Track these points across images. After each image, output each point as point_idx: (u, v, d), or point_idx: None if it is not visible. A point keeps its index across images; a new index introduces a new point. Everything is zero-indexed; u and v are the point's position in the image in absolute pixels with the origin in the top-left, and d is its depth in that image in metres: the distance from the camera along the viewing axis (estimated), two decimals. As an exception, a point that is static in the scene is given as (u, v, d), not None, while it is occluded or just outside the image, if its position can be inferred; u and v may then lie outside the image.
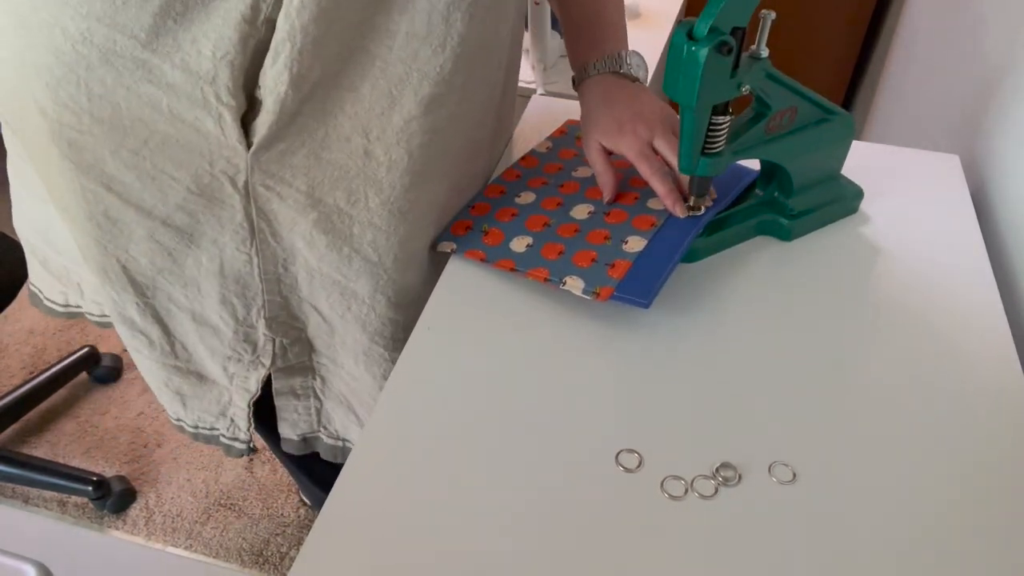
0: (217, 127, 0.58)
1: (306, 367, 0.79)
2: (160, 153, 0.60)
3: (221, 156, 0.60)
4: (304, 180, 0.62)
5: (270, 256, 0.68)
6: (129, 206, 0.64)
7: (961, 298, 0.64)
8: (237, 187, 0.62)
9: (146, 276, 0.70)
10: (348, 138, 0.60)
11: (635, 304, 0.60)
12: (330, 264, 0.67)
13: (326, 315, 0.72)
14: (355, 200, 0.63)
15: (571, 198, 0.72)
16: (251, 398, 0.79)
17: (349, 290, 0.69)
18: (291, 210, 0.64)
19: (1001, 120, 0.81)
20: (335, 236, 0.65)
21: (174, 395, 0.84)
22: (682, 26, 0.55)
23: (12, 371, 1.71)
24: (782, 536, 0.48)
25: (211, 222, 0.65)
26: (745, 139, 0.64)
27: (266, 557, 1.36)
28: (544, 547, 0.48)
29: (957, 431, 0.54)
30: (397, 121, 0.60)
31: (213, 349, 0.76)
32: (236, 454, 0.86)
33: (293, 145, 0.60)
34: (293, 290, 0.71)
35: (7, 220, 2.32)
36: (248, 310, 0.72)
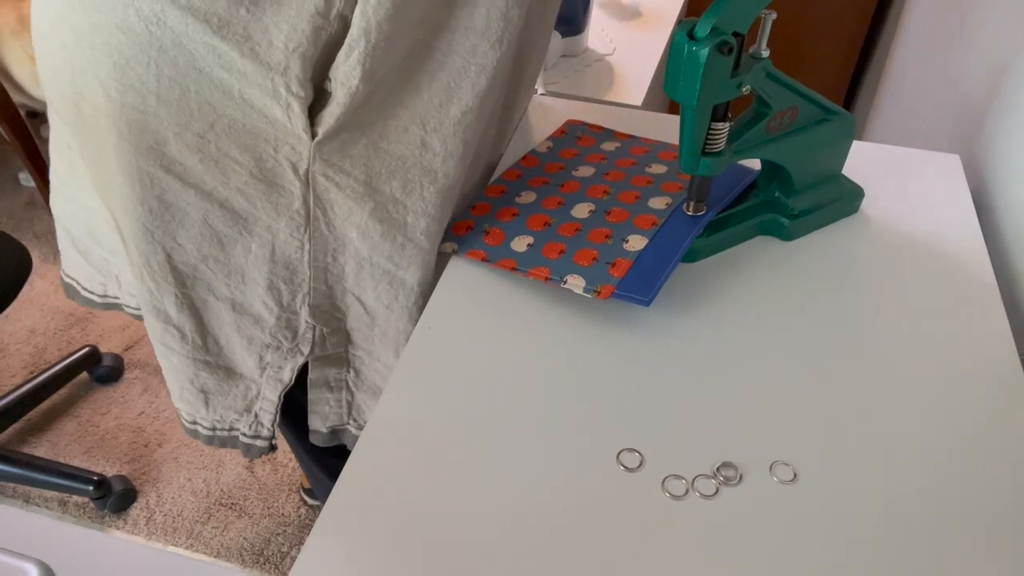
0: (285, 116, 0.59)
1: (342, 359, 0.80)
2: (226, 137, 0.61)
3: (286, 143, 0.61)
4: (363, 170, 0.63)
5: (321, 245, 0.69)
6: (188, 188, 0.65)
7: (962, 298, 0.64)
8: (299, 174, 0.63)
9: (189, 265, 0.71)
10: (406, 129, 0.62)
11: (636, 302, 0.60)
12: (382, 253, 0.68)
13: (370, 306, 0.73)
14: (410, 190, 0.65)
15: (572, 197, 0.72)
16: (283, 389, 0.80)
17: (399, 279, 0.70)
18: (348, 199, 0.65)
19: (1002, 120, 0.81)
20: (390, 225, 0.66)
21: (198, 393, 0.83)
22: (683, 26, 0.55)
23: (13, 370, 1.71)
24: (783, 535, 0.48)
25: (268, 208, 0.66)
26: (746, 139, 0.64)
27: (267, 557, 1.36)
28: (545, 546, 0.48)
29: (958, 431, 0.54)
30: (455, 113, 0.62)
31: (251, 338, 0.77)
32: (256, 453, 0.85)
33: (354, 136, 0.61)
34: (339, 280, 0.72)
35: (7, 219, 2.32)
36: (293, 296, 0.73)
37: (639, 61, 1.33)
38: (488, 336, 0.62)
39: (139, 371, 1.71)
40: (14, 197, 2.26)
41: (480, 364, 0.60)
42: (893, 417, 0.55)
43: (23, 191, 2.27)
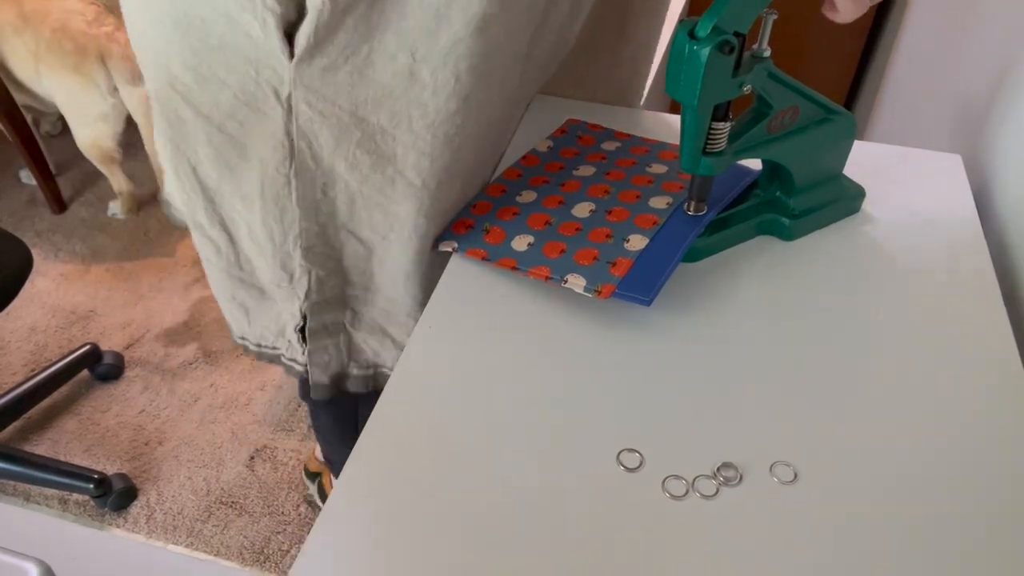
0: (261, 32, 0.58)
1: (339, 299, 0.78)
2: (214, 55, 0.60)
3: (267, 65, 0.60)
4: (347, 98, 0.61)
5: (308, 180, 0.67)
6: (189, 106, 0.65)
7: (963, 298, 0.64)
8: (280, 100, 0.62)
9: (213, 181, 0.71)
10: (393, 56, 0.59)
11: (637, 302, 0.60)
12: (373, 186, 0.66)
13: (366, 239, 0.71)
14: (398, 122, 0.62)
15: (572, 196, 0.72)
16: (296, 324, 0.79)
17: (392, 212, 0.68)
18: (334, 129, 0.63)
19: (1004, 120, 0.81)
20: (379, 157, 0.64)
21: (239, 308, 0.83)
22: (683, 25, 0.55)
23: (14, 368, 1.72)
24: (783, 536, 0.48)
25: (254, 136, 0.65)
26: (747, 139, 0.64)
27: (267, 555, 1.37)
28: (544, 546, 0.48)
29: (959, 431, 0.54)
30: (444, 41, 0.58)
31: (264, 268, 0.76)
32: (296, 375, 0.86)
33: (337, 61, 0.59)
34: (332, 217, 0.70)
35: (8, 217, 2.33)
36: (285, 237, 0.71)
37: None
38: (488, 335, 0.62)
39: (140, 369, 1.71)
40: (15, 195, 2.26)
41: (479, 363, 0.60)
42: (894, 418, 0.55)
43: (24, 189, 2.27)
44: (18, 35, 1.87)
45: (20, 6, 1.86)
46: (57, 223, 2.15)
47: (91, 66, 1.83)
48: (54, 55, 1.84)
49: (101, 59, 1.84)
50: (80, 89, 1.88)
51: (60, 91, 1.90)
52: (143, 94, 1.93)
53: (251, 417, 1.61)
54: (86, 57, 1.82)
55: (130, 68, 1.87)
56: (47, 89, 1.92)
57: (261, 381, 1.68)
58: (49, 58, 1.85)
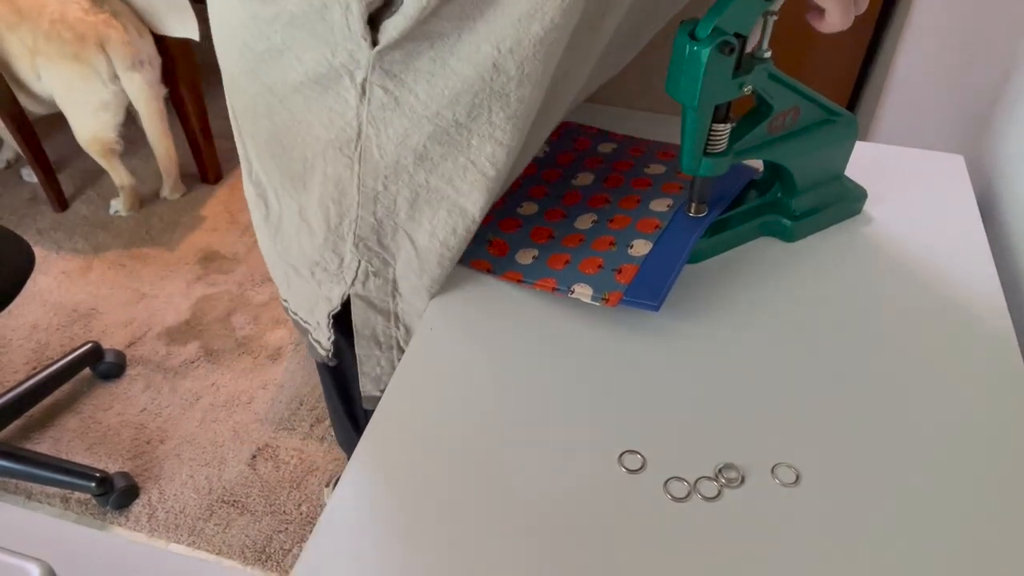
0: (343, 18, 0.55)
1: (388, 311, 0.75)
2: (288, 29, 0.58)
3: (344, 48, 0.58)
4: (425, 87, 0.58)
5: (371, 169, 0.64)
6: (255, 76, 0.63)
7: (965, 299, 0.64)
8: (355, 83, 0.59)
9: (265, 156, 0.70)
10: (478, 46, 0.56)
11: (645, 308, 0.60)
12: (442, 176, 0.63)
13: (421, 246, 0.68)
14: (477, 115, 0.60)
15: (574, 209, 0.72)
16: (331, 310, 0.77)
17: (459, 207, 0.65)
18: (405, 119, 0.60)
19: (1006, 120, 0.81)
20: (451, 147, 0.62)
21: (282, 274, 0.82)
22: (684, 26, 0.55)
23: (15, 366, 1.72)
24: (785, 537, 0.48)
25: (321, 115, 0.63)
26: (748, 139, 0.64)
27: (269, 554, 1.37)
28: (546, 548, 0.48)
29: (961, 433, 0.54)
30: (536, 31, 0.55)
31: (304, 250, 0.74)
32: (318, 356, 0.84)
33: (421, 46, 0.57)
34: (390, 214, 0.67)
35: (10, 215, 2.32)
36: (341, 220, 0.69)
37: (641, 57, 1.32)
38: (490, 337, 0.62)
39: (141, 367, 1.72)
40: (17, 193, 2.26)
41: (481, 365, 0.60)
42: (896, 419, 0.55)
43: (26, 187, 2.27)
44: (13, 31, 1.87)
45: (14, 2, 1.85)
46: (59, 221, 2.15)
47: (91, 53, 1.83)
48: (53, 45, 1.83)
49: (101, 46, 1.84)
50: (80, 79, 1.87)
51: (59, 84, 1.89)
52: (143, 79, 1.93)
53: (253, 416, 1.61)
54: (86, 45, 1.82)
55: (130, 53, 1.87)
56: (45, 85, 1.91)
57: (263, 380, 1.68)
58: (48, 49, 1.84)
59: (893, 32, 1.64)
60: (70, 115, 1.96)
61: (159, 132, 2.03)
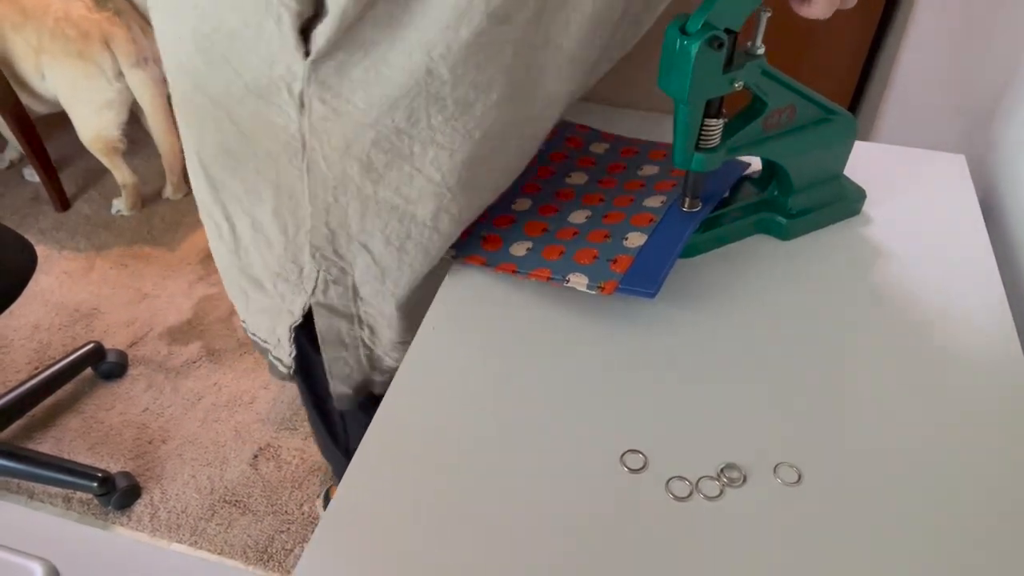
0: (276, 28, 0.56)
1: (352, 314, 0.76)
2: (227, 42, 0.59)
3: (280, 61, 0.58)
4: (362, 96, 0.59)
5: (319, 180, 0.65)
6: (199, 90, 0.64)
7: (967, 300, 0.64)
8: (293, 95, 0.60)
9: (216, 170, 0.70)
10: (410, 54, 0.57)
11: (641, 295, 0.60)
12: (388, 185, 0.64)
13: (378, 255, 0.69)
14: (416, 120, 0.60)
15: (568, 205, 0.72)
16: (292, 323, 0.77)
17: (409, 214, 0.65)
18: (347, 128, 0.61)
19: (1008, 120, 0.81)
20: (395, 155, 0.62)
21: (240, 292, 0.82)
22: (676, 20, 0.55)
23: (17, 366, 1.72)
24: (787, 537, 0.48)
25: (266, 128, 0.63)
26: (741, 136, 0.64)
27: (271, 554, 1.37)
28: (548, 546, 0.48)
29: (963, 433, 0.54)
30: (464, 35, 0.56)
31: (266, 261, 0.75)
32: (278, 375, 0.84)
33: (354, 56, 0.57)
34: (342, 225, 0.68)
35: (12, 214, 2.32)
36: (297, 229, 0.70)
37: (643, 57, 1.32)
38: (491, 338, 0.62)
39: (143, 367, 1.72)
40: (19, 192, 2.26)
41: (483, 364, 0.60)
42: (897, 419, 0.55)
43: (28, 186, 2.28)
44: (17, 31, 1.87)
45: (19, 2, 1.86)
46: (61, 221, 2.15)
47: (95, 51, 1.83)
48: (57, 43, 1.84)
49: (105, 43, 1.84)
50: (84, 77, 1.87)
51: (64, 82, 1.90)
52: (148, 76, 1.93)
53: (255, 416, 1.61)
54: (90, 42, 1.82)
55: (134, 50, 1.87)
56: (50, 84, 1.92)
57: (264, 380, 1.69)
58: (52, 47, 1.84)
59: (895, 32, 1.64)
60: (74, 113, 1.96)
61: (164, 129, 2.03)
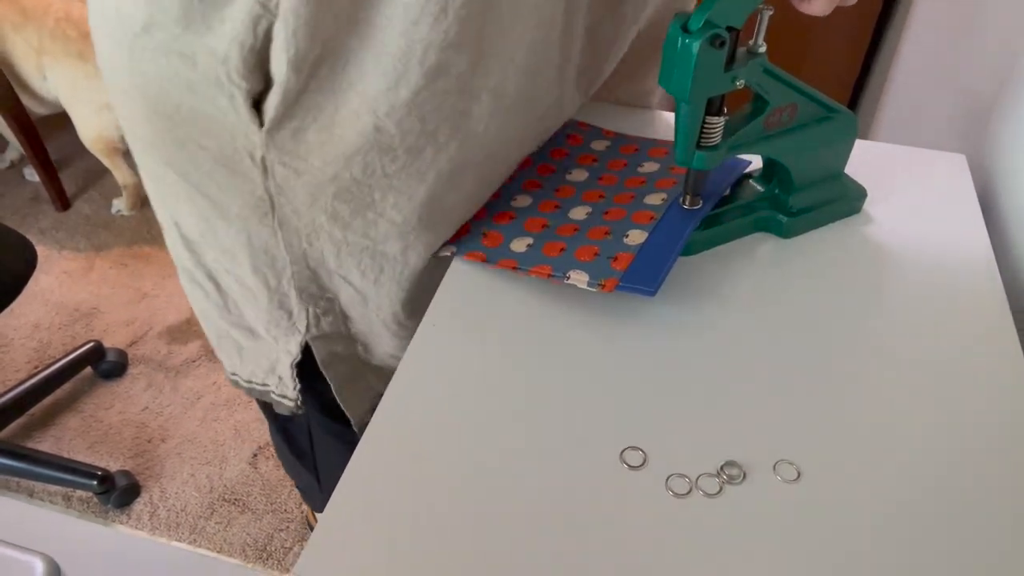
0: (230, 105, 0.59)
1: (343, 336, 0.80)
2: (190, 121, 0.62)
3: (239, 132, 0.61)
4: (319, 156, 0.62)
5: (292, 231, 0.68)
6: (169, 167, 0.67)
7: (967, 299, 0.64)
8: (255, 162, 0.63)
9: (194, 236, 0.73)
10: (358, 115, 0.60)
11: (641, 293, 0.60)
12: (356, 231, 0.67)
13: (358, 286, 0.72)
14: (371, 171, 0.63)
15: (568, 201, 0.73)
16: (293, 360, 0.80)
17: (379, 251, 0.69)
18: (309, 185, 0.64)
19: (1009, 119, 0.81)
20: (358, 204, 0.65)
21: (233, 346, 0.85)
22: (677, 19, 0.55)
23: (17, 365, 1.72)
24: (787, 534, 0.48)
25: (234, 195, 0.66)
26: (742, 134, 0.64)
27: (270, 552, 1.37)
28: (547, 543, 0.48)
29: (963, 431, 0.54)
30: (404, 95, 0.59)
31: (256, 312, 0.78)
32: (286, 411, 0.87)
33: (304, 122, 0.60)
34: (321, 264, 0.71)
35: (12, 214, 2.32)
36: (279, 280, 0.73)
37: (644, 59, 1.32)
38: (490, 334, 0.62)
39: (143, 366, 1.72)
40: (19, 192, 2.27)
41: (483, 361, 0.60)
42: (897, 418, 0.55)
43: (28, 186, 2.28)
44: (18, 32, 1.87)
45: (19, 2, 1.86)
46: (61, 220, 2.15)
47: None
48: (58, 44, 1.84)
49: None
50: (85, 77, 1.87)
51: (64, 82, 1.90)
52: None
53: (254, 415, 1.61)
54: (91, 43, 1.83)
55: None
56: (51, 84, 1.92)
57: (264, 379, 1.69)
58: (53, 48, 1.85)
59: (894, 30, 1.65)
60: (74, 114, 1.96)
61: None
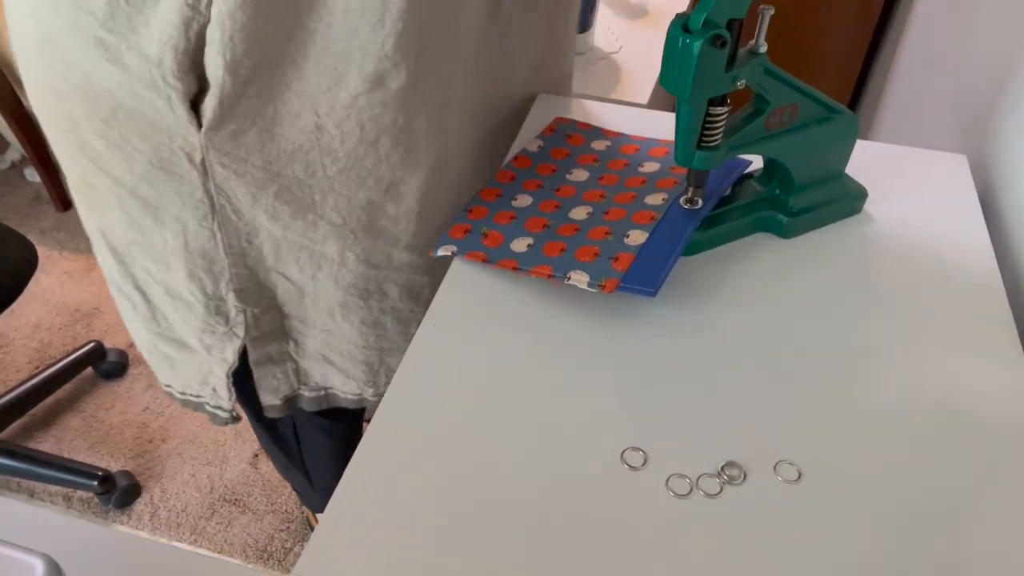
0: (167, 107, 0.59)
1: (279, 332, 0.81)
2: (126, 124, 0.62)
3: (177, 133, 0.61)
4: (259, 156, 0.63)
5: (232, 231, 0.69)
6: (101, 172, 0.67)
7: (967, 299, 0.64)
8: (194, 163, 0.63)
9: (122, 245, 0.73)
10: (298, 115, 0.61)
11: (641, 293, 0.60)
12: (296, 231, 0.68)
13: (295, 280, 0.73)
14: (313, 171, 0.64)
15: (568, 201, 0.73)
16: (229, 368, 0.81)
17: (318, 252, 0.70)
18: (250, 185, 0.64)
19: (1010, 119, 0.81)
20: (298, 205, 0.66)
21: (163, 358, 0.86)
22: (678, 19, 0.55)
23: (18, 365, 1.72)
24: (787, 535, 0.48)
25: (172, 197, 0.66)
26: (743, 134, 0.64)
27: (270, 552, 1.37)
28: (548, 544, 0.48)
29: (963, 432, 0.54)
30: (344, 97, 0.60)
31: (187, 321, 0.78)
32: (220, 423, 0.88)
33: (244, 125, 0.61)
34: (259, 262, 0.72)
35: (13, 214, 2.32)
36: (216, 284, 0.73)
37: (645, 59, 1.33)
38: (492, 335, 0.62)
39: (144, 367, 1.72)
40: (20, 192, 2.27)
41: (483, 362, 0.60)
42: (898, 418, 0.55)
43: (28, 186, 2.28)
44: None
45: None
46: (61, 220, 2.15)
47: None
48: None
49: None
50: None
51: None
52: None
53: (254, 415, 1.61)
54: None
55: None
56: None
57: (265, 379, 1.69)
58: None
59: (895, 31, 1.65)
60: None
61: None
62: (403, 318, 0.80)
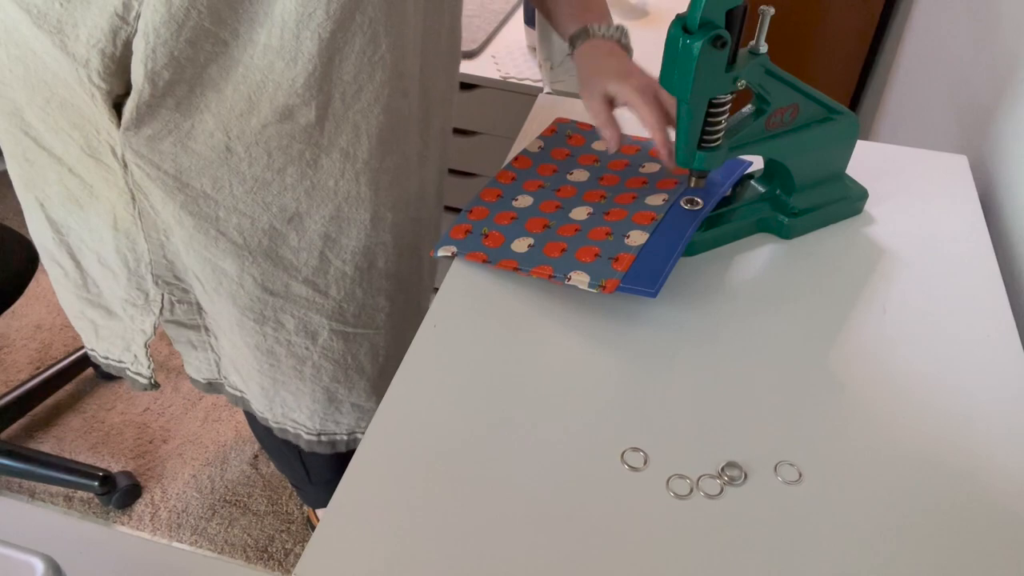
0: (92, 104, 0.63)
1: (198, 325, 0.84)
2: (60, 112, 0.66)
3: (103, 128, 0.66)
4: (172, 164, 0.67)
5: (151, 224, 0.73)
6: (42, 150, 0.71)
7: (968, 299, 0.64)
8: (116, 156, 0.67)
9: (60, 216, 0.77)
10: (211, 133, 0.65)
11: (642, 294, 0.60)
12: (199, 243, 0.72)
13: (205, 286, 0.77)
14: (220, 187, 0.68)
15: (569, 201, 0.73)
16: (147, 339, 0.85)
17: (219, 267, 0.73)
18: (160, 190, 0.68)
19: (1010, 120, 0.81)
20: (201, 219, 0.70)
21: (89, 324, 0.90)
22: (678, 19, 0.55)
23: (19, 366, 1.72)
24: (787, 535, 0.48)
25: (101, 181, 0.71)
26: (744, 134, 0.64)
27: (271, 553, 1.37)
28: (549, 545, 0.48)
29: (963, 432, 0.54)
30: (255, 124, 0.64)
31: (112, 290, 0.82)
32: (140, 388, 0.92)
33: (160, 132, 0.65)
34: (177, 256, 0.76)
35: (14, 215, 2.32)
36: (138, 263, 0.77)
37: (646, 60, 1.32)
38: (492, 336, 0.62)
39: (144, 367, 1.72)
40: (21, 193, 2.27)
41: (484, 363, 0.60)
42: (898, 418, 0.55)
43: (30, 187, 2.28)
44: None
45: None
46: (62, 221, 2.15)
47: None
48: None
49: None
50: None
51: None
52: None
53: (255, 415, 1.61)
54: None
55: None
56: None
57: (265, 380, 1.68)
58: None
59: (895, 31, 1.64)
60: None
61: None
62: (298, 354, 0.81)
